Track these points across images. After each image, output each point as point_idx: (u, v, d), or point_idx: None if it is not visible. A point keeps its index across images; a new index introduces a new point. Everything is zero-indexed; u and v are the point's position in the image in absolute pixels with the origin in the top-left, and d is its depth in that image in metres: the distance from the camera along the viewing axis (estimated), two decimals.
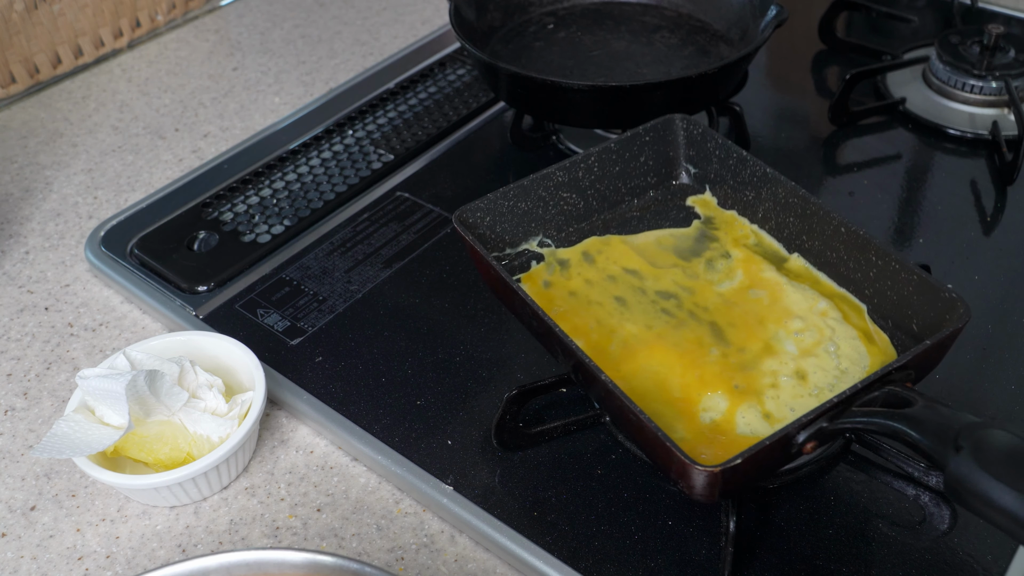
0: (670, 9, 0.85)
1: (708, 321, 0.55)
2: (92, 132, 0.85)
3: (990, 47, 0.80)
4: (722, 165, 0.62)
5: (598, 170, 0.62)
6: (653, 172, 0.64)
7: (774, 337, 0.54)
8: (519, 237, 0.61)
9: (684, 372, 0.52)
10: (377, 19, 1.01)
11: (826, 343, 0.53)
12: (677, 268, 0.58)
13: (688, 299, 0.56)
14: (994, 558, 0.49)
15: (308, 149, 0.80)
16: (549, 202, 0.61)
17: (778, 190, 0.59)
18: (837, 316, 0.54)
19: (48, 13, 0.87)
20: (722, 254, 0.59)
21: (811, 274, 0.58)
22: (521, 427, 0.54)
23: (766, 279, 0.57)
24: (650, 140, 0.63)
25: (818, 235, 0.57)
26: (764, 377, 0.52)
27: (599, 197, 0.63)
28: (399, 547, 0.52)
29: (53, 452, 0.50)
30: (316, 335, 0.63)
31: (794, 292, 0.56)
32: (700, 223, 0.62)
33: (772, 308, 0.55)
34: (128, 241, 0.71)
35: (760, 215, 0.60)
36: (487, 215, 0.59)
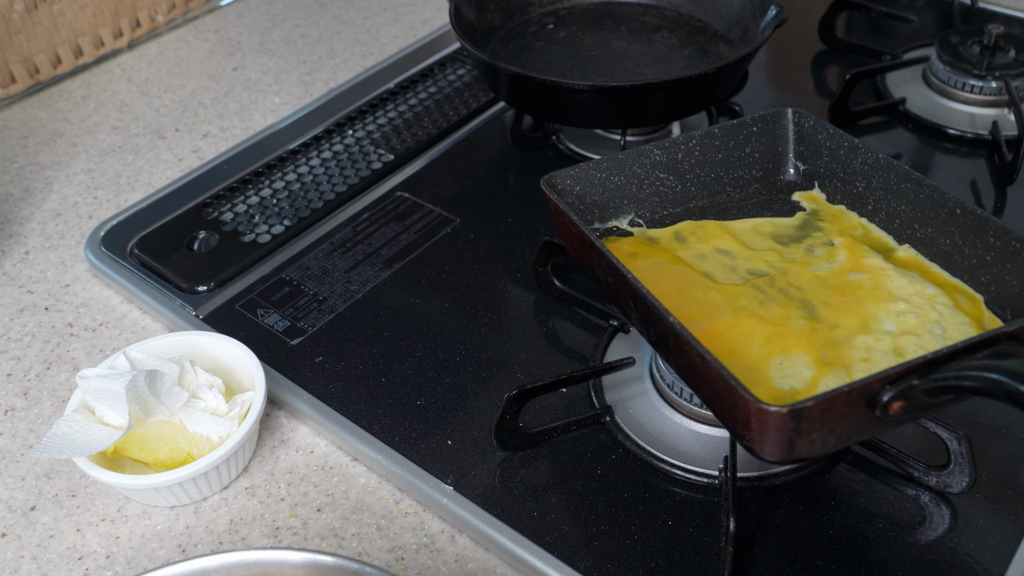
0: (670, 9, 0.85)
1: (800, 299, 0.52)
2: (92, 132, 0.85)
3: (990, 47, 0.80)
4: (832, 156, 0.59)
5: (699, 155, 0.60)
6: (759, 165, 0.62)
7: (872, 316, 0.50)
8: (609, 213, 0.58)
9: (766, 341, 0.49)
10: (377, 19, 1.01)
11: (932, 326, 0.49)
12: (773, 251, 0.56)
13: (781, 278, 0.54)
14: (994, 558, 0.49)
15: (308, 149, 0.80)
16: (644, 180, 0.59)
17: (890, 176, 0.56)
18: (947, 302, 0.51)
19: (48, 13, 0.87)
20: (824, 242, 0.56)
21: (922, 264, 0.54)
22: (521, 427, 0.54)
23: (869, 264, 0.54)
24: (757, 131, 0.61)
25: (931, 221, 0.54)
26: (856, 351, 0.48)
27: (698, 183, 0.60)
28: (399, 547, 0.52)
29: (53, 452, 0.50)
30: (316, 335, 0.63)
31: (900, 277, 0.53)
32: (805, 214, 0.59)
33: (874, 290, 0.52)
34: (128, 241, 0.71)
35: (870, 207, 0.58)
36: (577, 184, 0.57)
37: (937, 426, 0.51)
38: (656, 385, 0.57)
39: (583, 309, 0.63)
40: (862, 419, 0.42)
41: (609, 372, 0.57)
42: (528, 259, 0.67)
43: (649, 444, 0.54)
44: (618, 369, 0.57)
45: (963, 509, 0.51)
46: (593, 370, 0.57)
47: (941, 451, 0.51)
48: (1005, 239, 0.50)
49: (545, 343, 0.62)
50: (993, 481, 0.52)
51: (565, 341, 0.62)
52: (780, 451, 0.41)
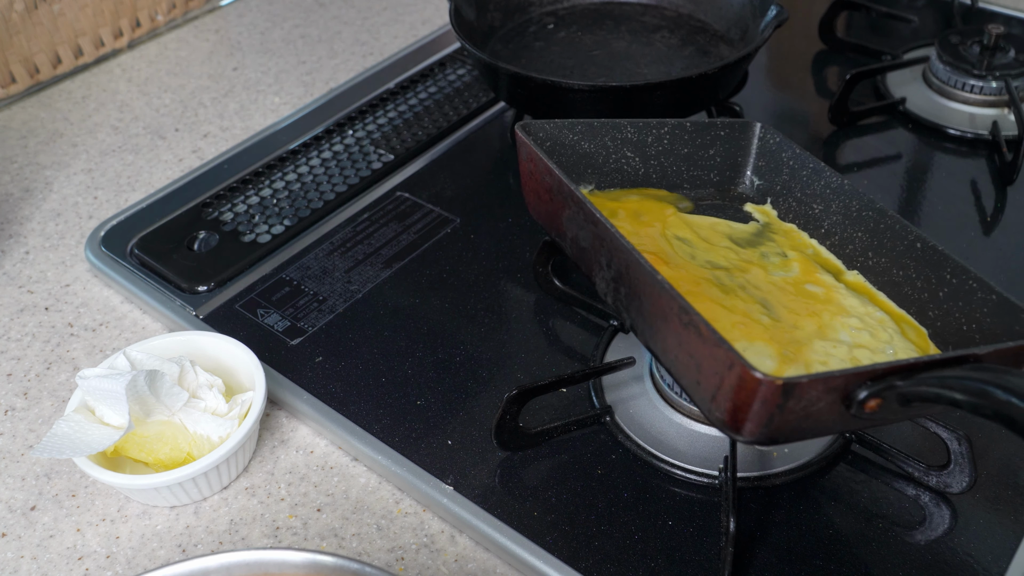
0: (670, 9, 0.85)
1: (760, 297, 0.52)
2: (92, 132, 0.85)
3: (990, 47, 0.80)
4: (792, 176, 0.60)
5: (667, 143, 0.61)
6: (717, 170, 0.62)
7: (828, 326, 0.51)
8: (571, 177, 0.59)
9: (731, 327, 0.48)
10: (377, 19, 1.01)
11: (884, 345, 0.50)
12: (730, 250, 0.56)
13: (740, 275, 0.54)
14: (994, 558, 0.49)
15: (308, 149, 0.80)
16: (612, 154, 0.59)
17: (851, 202, 0.56)
18: (895, 329, 0.52)
19: (48, 13, 0.87)
20: (778, 252, 0.57)
21: (869, 291, 0.55)
22: (521, 427, 0.54)
23: (822, 280, 0.55)
24: (724, 136, 0.62)
25: (887, 251, 0.54)
26: (815, 354, 0.49)
27: (660, 171, 0.61)
28: (399, 547, 0.52)
29: (53, 452, 0.50)
30: (316, 335, 0.63)
31: (851, 297, 0.53)
32: (759, 225, 0.60)
33: (828, 303, 0.52)
34: (128, 241, 0.71)
35: (823, 229, 0.58)
36: (549, 138, 0.57)
37: (937, 426, 0.51)
38: (656, 385, 0.57)
39: (583, 309, 0.63)
40: (835, 412, 0.41)
41: (609, 372, 0.57)
42: (528, 259, 0.67)
43: (649, 444, 0.54)
44: (618, 369, 0.57)
45: (963, 509, 0.51)
46: (593, 370, 0.57)
47: (941, 451, 0.51)
48: (962, 277, 0.50)
49: (545, 343, 0.62)
50: (993, 481, 0.52)
51: (565, 341, 0.62)
52: (757, 427, 0.40)
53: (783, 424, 0.40)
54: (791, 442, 0.51)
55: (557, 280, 0.63)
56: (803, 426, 0.42)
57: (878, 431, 0.54)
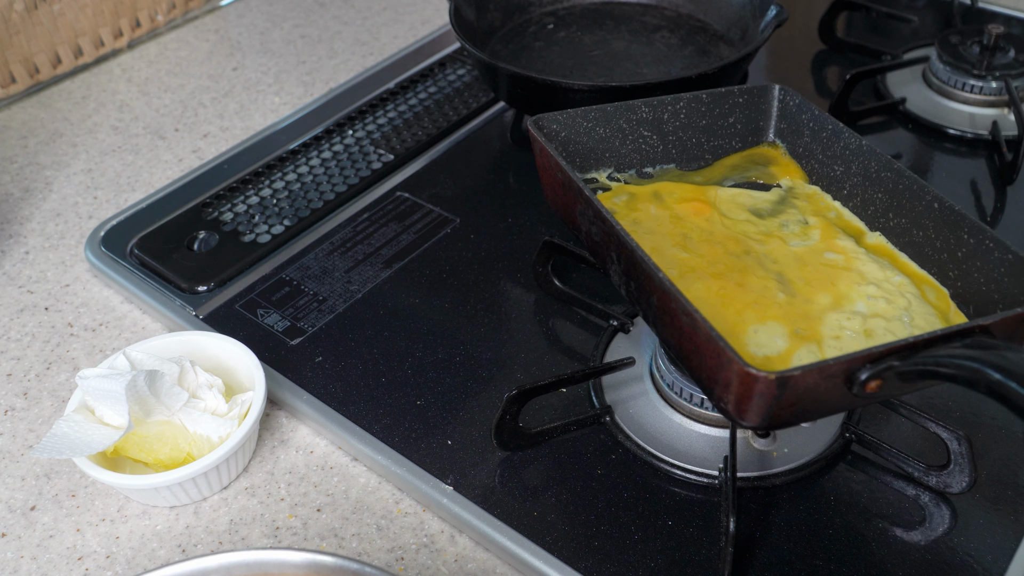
0: (670, 9, 0.85)
1: (776, 271, 0.52)
2: (92, 132, 0.85)
3: (990, 47, 0.80)
4: (813, 138, 0.60)
5: (684, 117, 0.60)
6: (739, 137, 0.62)
7: (845, 296, 0.51)
8: (589, 163, 0.59)
9: (743, 308, 0.49)
10: (377, 19, 1.01)
11: (900, 312, 0.50)
12: (749, 223, 0.56)
13: (759, 248, 0.54)
14: (994, 558, 0.49)
15: (308, 149, 0.80)
16: (628, 135, 0.59)
17: (871, 163, 0.56)
18: (915, 292, 0.51)
19: (48, 13, 0.87)
20: (798, 220, 0.57)
21: (891, 252, 0.55)
22: (521, 427, 0.54)
23: (842, 246, 0.54)
24: (743, 103, 0.61)
25: (906, 212, 0.54)
26: (828, 328, 0.49)
27: (679, 145, 0.61)
28: (399, 547, 0.52)
29: (53, 452, 0.50)
30: (316, 335, 0.63)
31: (871, 262, 0.53)
32: (781, 191, 0.59)
33: (846, 271, 0.52)
34: (128, 241, 0.71)
35: (846, 191, 0.58)
36: (563, 129, 0.57)
37: (937, 426, 0.51)
38: (656, 385, 0.57)
39: (583, 309, 0.63)
40: (837, 394, 0.42)
41: (609, 372, 0.57)
42: (528, 259, 0.67)
43: (649, 444, 0.54)
44: (618, 369, 0.57)
45: (963, 509, 0.51)
46: (593, 370, 0.57)
47: (941, 451, 0.51)
48: (979, 237, 0.50)
49: (545, 343, 0.62)
50: (993, 481, 0.52)
51: (565, 341, 0.62)
52: (758, 417, 0.41)
53: (785, 411, 0.42)
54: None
55: (557, 280, 0.63)
56: (808, 409, 0.43)
57: (878, 431, 0.54)
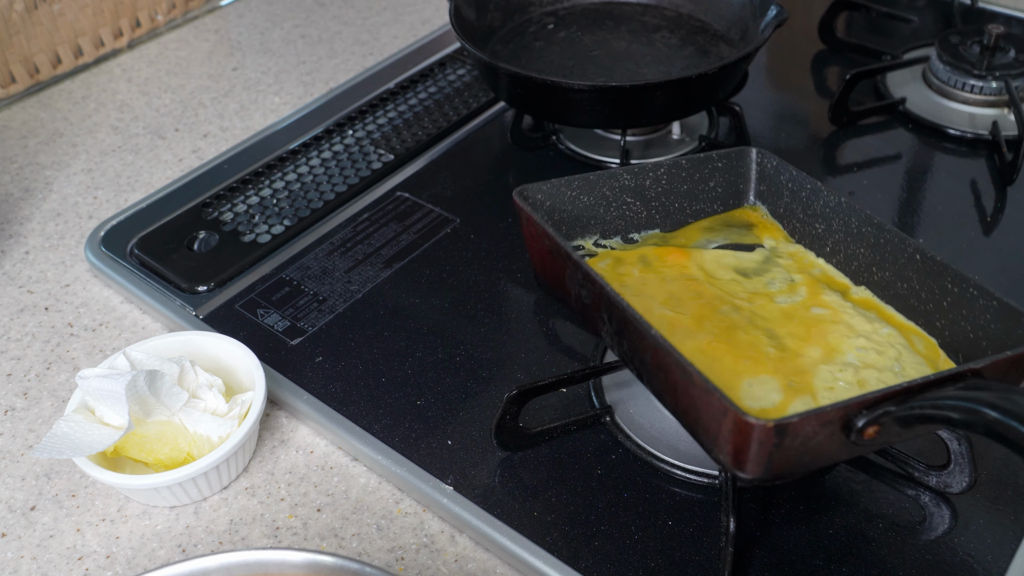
0: (670, 9, 0.85)
1: (765, 328, 0.53)
2: (92, 132, 0.85)
3: (990, 47, 0.80)
4: (793, 198, 0.61)
5: (665, 183, 0.61)
6: (720, 201, 0.63)
7: (835, 349, 0.51)
8: (575, 231, 0.60)
9: (735, 363, 0.50)
10: (377, 19, 1.01)
11: (891, 363, 0.50)
12: (736, 283, 0.57)
13: (747, 307, 0.55)
14: (994, 558, 0.49)
15: (308, 149, 0.80)
16: (612, 203, 0.60)
17: (851, 219, 0.57)
18: (903, 343, 0.52)
19: (48, 13, 0.87)
20: (784, 278, 0.57)
21: (877, 305, 0.55)
22: (521, 427, 0.54)
23: (829, 301, 0.55)
24: (722, 167, 0.62)
25: (889, 265, 0.55)
26: (821, 380, 0.49)
27: (662, 211, 0.62)
28: (399, 547, 0.52)
29: (53, 452, 0.50)
30: (316, 335, 0.63)
31: (858, 315, 0.54)
32: (765, 251, 0.60)
33: (835, 324, 0.53)
34: (128, 241, 0.71)
35: (828, 248, 0.59)
36: (548, 199, 0.58)
37: None
38: None
39: None
40: (837, 443, 0.43)
41: (609, 372, 0.57)
42: (528, 259, 0.67)
43: (649, 444, 0.54)
44: (618, 369, 0.57)
45: (963, 509, 0.51)
46: (593, 370, 0.57)
47: (941, 451, 0.51)
48: (963, 286, 0.51)
49: (545, 343, 0.62)
50: (993, 481, 0.52)
51: (565, 341, 0.62)
52: (758, 467, 0.42)
53: (784, 461, 0.42)
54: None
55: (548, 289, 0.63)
56: (806, 460, 0.43)
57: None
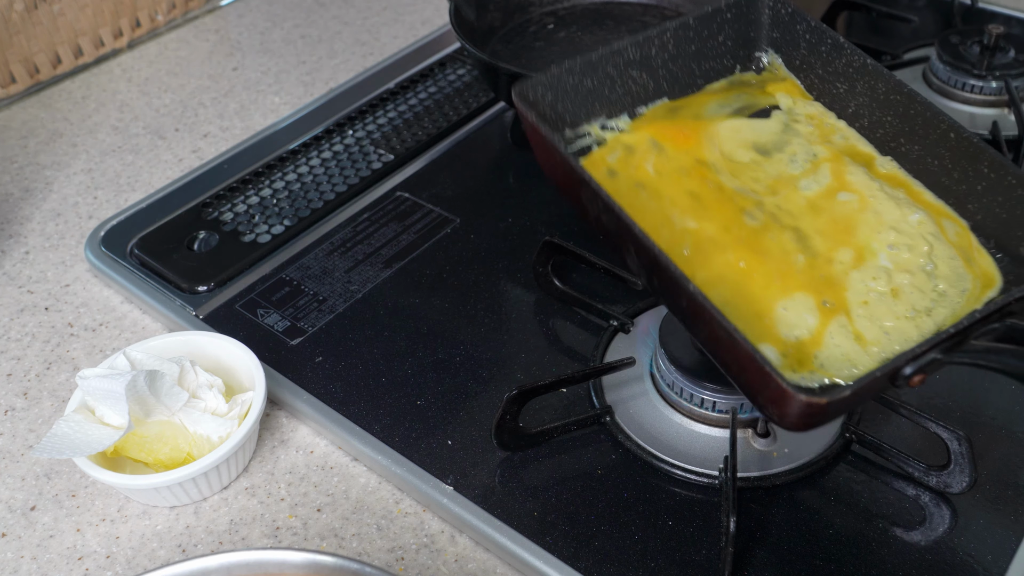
0: (670, 9, 0.85)
1: (792, 226, 0.50)
2: (92, 132, 0.85)
3: (990, 47, 0.80)
4: (811, 51, 0.56)
5: (673, 48, 0.56)
6: (731, 55, 0.58)
7: (866, 248, 0.48)
8: (580, 118, 0.55)
9: (767, 282, 0.47)
10: (377, 19, 1.01)
11: (923, 261, 0.48)
12: (757, 165, 0.53)
13: (771, 200, 0.51)
14: (994, 558, 0.49)
15: (308, 149, 0.80)
16: (616, 81, 0.55)
17: (877, 84, 0.52)
18: (933, 230, 0.49)
19: (48, 13, 0.87)
20: (806, 151, 0.53)
21: (904, 181, 0.51)
22: (521, 427, 0.54)
23: (855, 183, 0.51)
24: (731, 18, 0.57)
25: (920, 139, 0.51)
26: (854, 293, 0.47)
27: (670, 78, 0.57)
28: (399, 547, 0.52)
29: (53, 452, 0.50)
30: (316, 335, 0.63)
31: (887, 200, 0.50)
32: (781, 115, 0.55)
33: (863, 215, 0.50)
34: (128, 241, 0.71)
35: (851, 110, 0.54)
36: (549, 91, 0.54)
37: (937, 426, 0.51)
38: (656, 385, 0.57)
39: (583, 309, 0.63)
40: (880, 390, 0.44)
41: (609, 372, 0.57)
42: (528, 259, 0.67)
43: (649, 444, 0.54)
44: (618, 369, 0.57)
45: (963, 509, 0.51)
46: (593, 370, 0.57)
47: (941, 451, 0.51)
48: (1000, 172, 0.48)
49: (545, 343, 0.62)
50: (993, 481, 0.52)
51: (565, 341, 0.62)
52: (804, 427, 0.42)
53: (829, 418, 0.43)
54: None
55: (557, 280, 0.63)
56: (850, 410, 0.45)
57: (878, 431, 0.54)
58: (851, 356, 0.45)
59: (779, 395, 0.41)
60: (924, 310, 0.46)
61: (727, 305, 0.47)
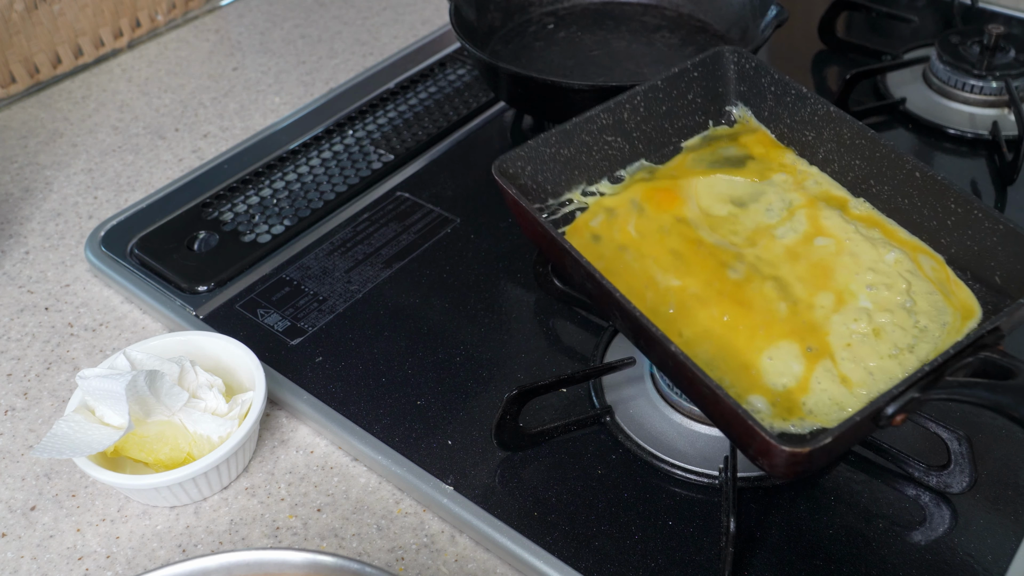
0: (670, 9, 0.85)
1: (772, 276, 0.51)
2: (92, 132, 0.85)
3: (990, 47, 0.80)
4: (778, 102, 0.57)
5: (644, 110, 0.58)
6: (702, 111, 0.59)
7: (846, 290, 0.50)
8: (561, 186, 0.57)
9: (752, 334, 0.49)
10: (377, 19, 1.01)
11: (903, 299, 0.49)
12: (735, 218, 0.54)
13: (750, 252, 0.52)
14: (994, 558, 0.49)
15: (308, 149, 0.80)
16: (593, 147, 0.57)
17: (843, 130, 0.53)
18: (911, 267, 0.50)
19: (48, 13, 0.87)
20: (781, 199, 0.54)
21: (879, 221, 0.52)
22: (521, 427, 0.54)
23: (831, 227, 0.52)
24: (698, 76, 0.59)
25: (888, 180, 0.52)
26: (837, 336, 0.48)
27: (645, 139, 0.59)
28: (399, 547, 0.52)
29: (53, 452, 0.50)
30: (316, 335, 0.63)
31: (862, 241, 0.51)
32: (754, 164, 0.57)
33: (840, 258, 0.51)
34: (128, 241, 0.71)
35: (821, 156, 0.55)
36: (528, 164, 0.56)
37: (937, 426, 0.51)
38: (656, 385, 0.57)
39: (583, 309, 0.63)
40: (866, 432, 0.44)
41: (609, 372, 0.57)
42: (528, 259, 0.67)
43: (649, 444, 0.54)
44: (618, 369, 0.57)
45: (963, 509, 0.51)
46: (593, 370, 0.57)
47: (941, 451, 0.51)
48: (967, 207, 0.49)
49: (545, 343, 0.62)
50: (993, 481, 0.52)
51: (565, 341, 0.62)
52: (792, 476, 0.43)
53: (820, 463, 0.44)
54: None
55: (557, 280, 0.63)
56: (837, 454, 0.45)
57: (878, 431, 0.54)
58: (838, 399, 0.46)
59: (765, 447, 0.42)
60: (907, 347, 0.47)
61: (714, 360, 0.48)
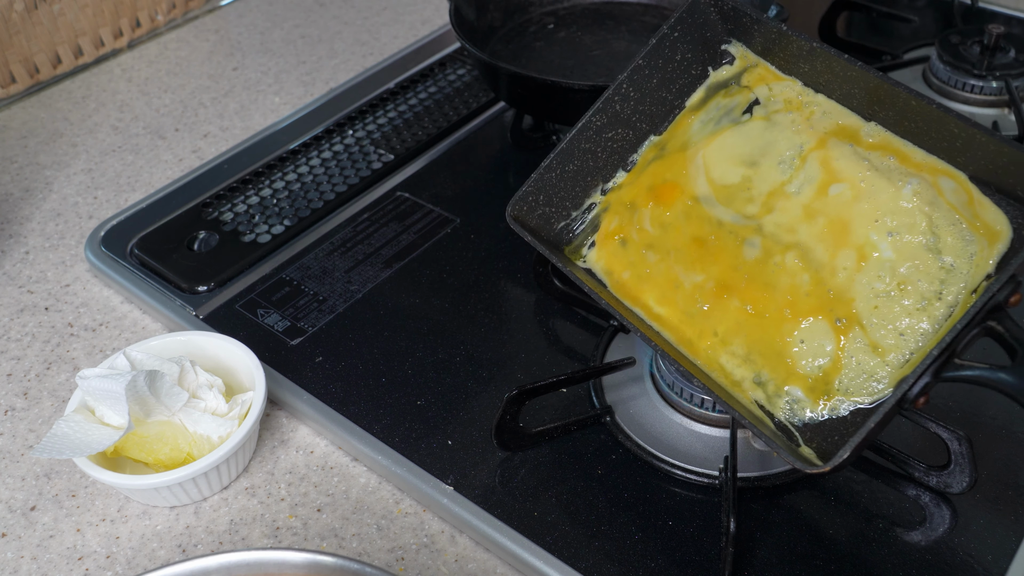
0: (670, 9, 0.85)
1: (793, 244, 0.50)
2: (92, 132, 0.85)
3: (990, 47, 0.80)
4: (765, 39, 0.55)
5: (635, 93, 0.57)
6: (697, 63, 0.57)
7: (866, 242, 0.48)
8: (579, 196, 0.57)
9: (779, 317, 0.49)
10: (377, 19, 1.01)
11: (925, 238, 0.47)
12: (749, 182, 0.53)
13: (768, 220, 0.51)
14: (994, 558, 0.49)
15: (308, 149, 0.80)
16: (596, 150, 0.57)
17: (833, 65, 0.52)
18: (931, 196, 0.47)
19: (48, 13, 0.87)
20: (791, 145, 0.53)
21: (894, 146, 0.50)
22: (521, 427, 0.54)
23: (843, 168, 0.50)
24: (680, 35, 0.56)
25: (890, 106, 0.50)
26: (863, 301, 0.47)
27: (647, 118, 0.57)
28: (399, 547, 0.52)
29: (53, 452, 0.50)
30: (316, 335, 0.63)
31: (878, 179, 0.49)
32: (761, 110, 0.55)
33: (857, 205, 0.49)
34: (128, 241, 0.71)
35: (823, 84, 0.53)
36: (539, 194, 0.56)
37: (937, 426, 0.51)
38: (656, 385, 0.57)
39: (583, 309, 0.63)
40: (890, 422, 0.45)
41: (609, 372, 0.57)
42: (528, 259, 0.67)
43: (649, 444, 0.54)
44: (618, 369, 0.57)
45: (963, 509, 0.51)
46: (593, 370, 0.57)
47: (941, 451, 0.51)
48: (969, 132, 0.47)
49: (545, 343, 0.62)
50: (993, 481, 0.52)
51: (565, 341, 0.62)
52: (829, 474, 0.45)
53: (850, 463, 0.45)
54: None
55: (557, 280, 0.63)
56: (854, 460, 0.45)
57: None
58: (871, 370, 0.47)
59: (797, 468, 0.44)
60: (934, 295, 0.46)
61: (750, 353, 0.50)
